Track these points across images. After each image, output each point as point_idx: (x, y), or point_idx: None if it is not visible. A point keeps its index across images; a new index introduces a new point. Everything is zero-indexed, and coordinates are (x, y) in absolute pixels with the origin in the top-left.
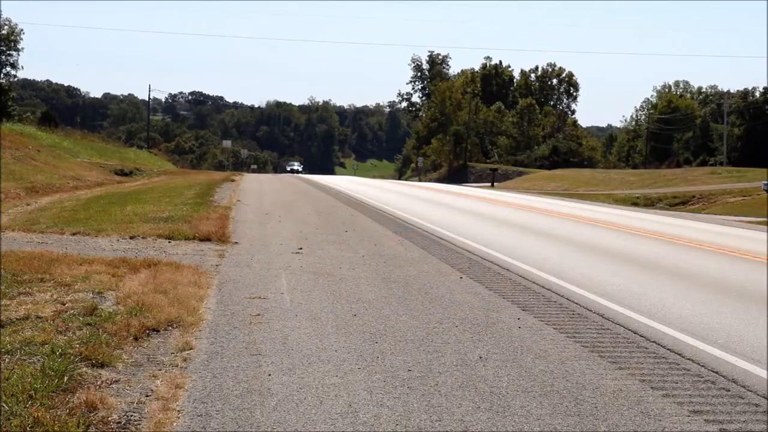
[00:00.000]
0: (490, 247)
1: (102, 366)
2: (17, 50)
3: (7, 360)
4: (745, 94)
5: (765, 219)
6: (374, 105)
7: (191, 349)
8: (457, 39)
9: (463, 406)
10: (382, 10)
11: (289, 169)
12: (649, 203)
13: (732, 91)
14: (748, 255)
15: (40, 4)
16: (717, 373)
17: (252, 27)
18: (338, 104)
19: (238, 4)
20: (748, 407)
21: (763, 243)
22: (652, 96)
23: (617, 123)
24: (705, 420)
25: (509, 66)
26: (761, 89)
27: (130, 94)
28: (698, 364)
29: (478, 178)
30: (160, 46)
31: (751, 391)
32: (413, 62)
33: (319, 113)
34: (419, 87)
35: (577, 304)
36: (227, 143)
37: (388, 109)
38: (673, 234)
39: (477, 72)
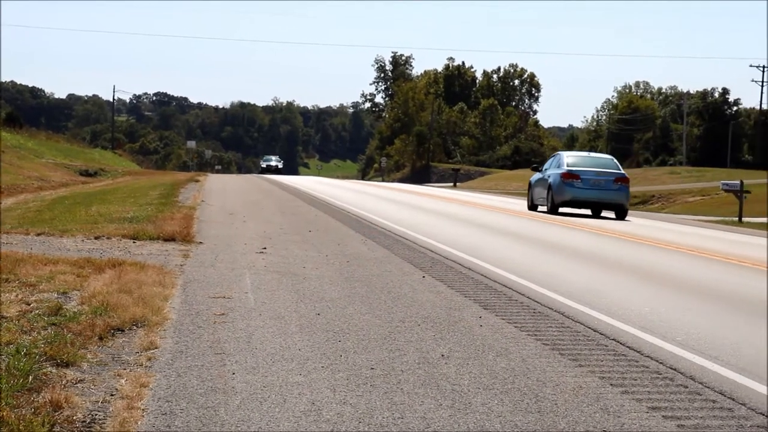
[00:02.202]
0: (452, 247)
1: (67, 365)
2: None
3: None
4: (704, 94)
5: (723, 218)
6: (338, 106)
7: (156, 348)
8: (420, 40)
9: (425, 403)
10: (346, 11)
11: (264, 165)
12: None
13: (691, 91)
14: (706, 254)
15: (4, 4)
16: (675, 370)
17: (216, 27)
18: (302, 105)
19: (201, 4)
20: (705, 404)
21: (723, 242)
22: (612, 96)
23: (578, 123)
24: (663, 416)
25: (472, 67)
26: (720, 90)
27: (94, 95)
28: (657, 361)
29: (441, 178)
30: (124, 46)
31: (708, 388)
32: (376, 63)
33: (282, 114)
34: (382, 88)
35: (538, 302)
36: (191, 144)
37: (351, 110)
38: (634, 233)
39: (440, 73)
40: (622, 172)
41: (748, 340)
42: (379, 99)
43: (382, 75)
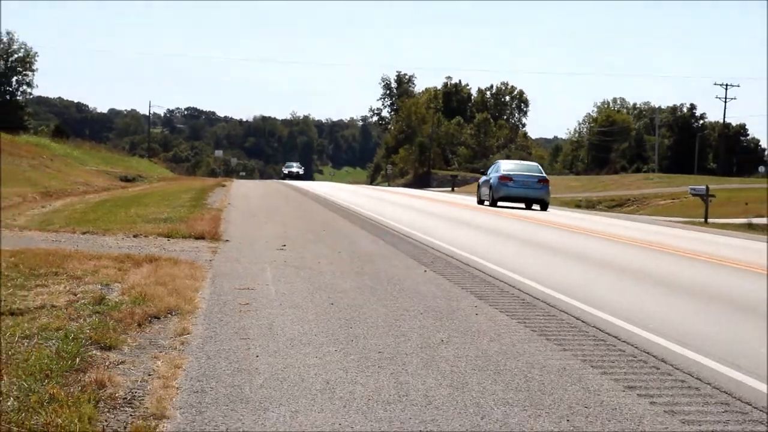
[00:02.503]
0: (451, 245)
1: (110, 349)
2: (32, 71)
3: (25, 344)
4: (674, 109)
5: (690, 219)
6: (348, 119)
7: (188, 333)
8: (421, 61)
9: (426, 383)
10: (356, 35)
11: (286, 171)
12: (590, 205)
13: (663, 107)
14: (677, 251)
15: (53, 29)
16: (648, 353)
17: (241, 49)
18: (317, 118)
19: (227, 30)
20: (675, 383)
21: (691, 240)
22: (592, 111)
23: (562, 135)
24: (638, 394)
25: (467, 85)
26: (688, 105)
27: (132, 110)
28: (632, 346)
29: (440, 183)
30: (160, 66)
31: (677, 369)
32: (383, 81)
33: (299, 126)
34: (388, 103)
35: (527, 294)
36: (219, 153)
37: (360, 123)
38: (612, 233)
39: (439, 90)
40: (544, 175)
41: (715, 327)
42: (385, 113)
43: (388, 92)
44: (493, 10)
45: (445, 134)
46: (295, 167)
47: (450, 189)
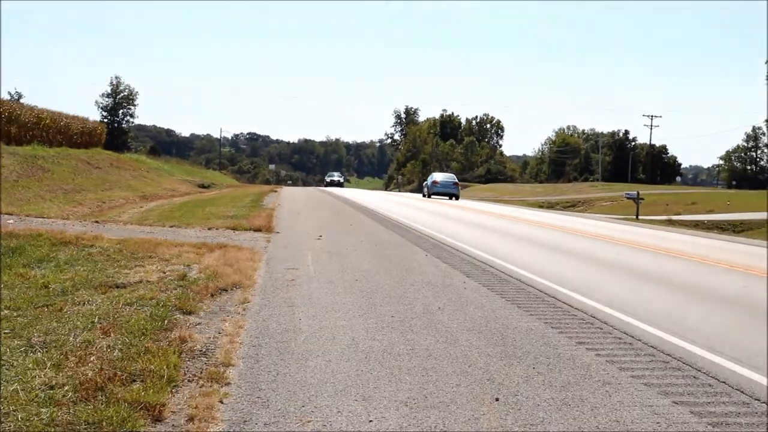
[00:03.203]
0: (446, 235)
1: (190, 313)
2: (134, 105)
3: (127, 309)
4: (613, 134)
5: (625, 216)
6: (369, 141)
7: (248, 302)
8: (424, 97)
9: (427, 339)
10: (375, 76)
11: (328, 179)
12: (550, 206)
13: (604, 131)
14: (615, 240)
15: (150, 70)
16: (594, 317)
17: (288, 87)
18: (345, 140)
19: (278, 70)
20: (614, 340)
21: (623, 232)
22: (552, 135)
23: (530, 152)
24: (586, 348)
25: (458, 115)
26: (624, 131)
27: (208, 134)
28: (582, 311)
29: None
30: (227, 99)
31: (615, 329)
32: (395, 113)
33: (332, 146)
34: (399, 129)
35: (503, 272)
36: (272, 166)
37: (378, 144)
38: (566, 226)
39: (437, 119)
40: (456, 180)
41: (639, 293)
42: (396, 137)
43: (399, 121)
44: (478, 59)
45: (441, 153)
46: (336, 176)
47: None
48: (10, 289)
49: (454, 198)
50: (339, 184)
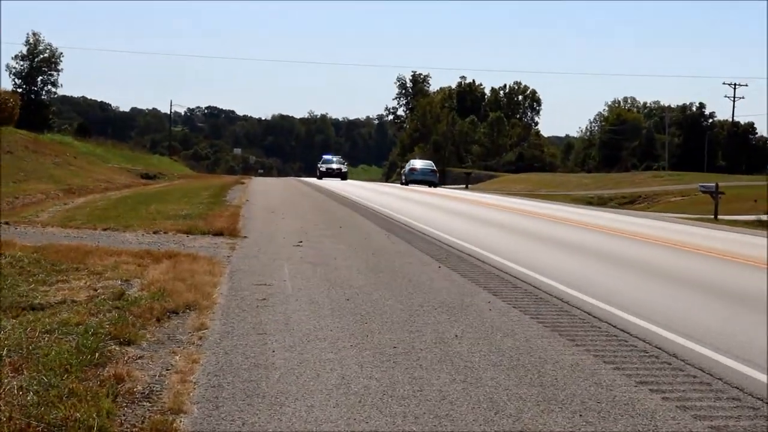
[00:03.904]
0: (464, 240)
1: (129, 344)
2: (57, 71)
3: (46, 338)
4: (683, 108)
5: (700, 216)
6: (365, 118)
7: (206, 329)
8: (436, 61)
9: (441, 378)
10: (373, 34)
11: (324, 168)
12: (601, 202)
13: (672, 105)
14: (687, 247)
15: (77, 29)
16: (660, 348)
17: (259, 48)
18: (334, 117)
19: (246, 31)
20: (687, 378)
21: (700, 237)
22: (604, 110)
23: (574, 133)
24: (650, 390)
25: (481, 84)
26: (697, 104)
27: (154, 108)
28: (644, 341)
29: (455, 181)
30: (181, 65)
31: (689, 365)
32: (398, 81)
33: (317, 125)
34: (403, 102)
35: (539, 289)
36: (238, 151)
37: (376, 122)
38: (623, 229)
39: (453, 89)
40: (434, 168)
41: (725, 323)
42: (400, 112)
43: (404, 91)
44: (505, 12)
45: (459, 133)
46: (336, 163)
47: (464, 186)
48: None
49: (432, 186)
50: (340, 175)
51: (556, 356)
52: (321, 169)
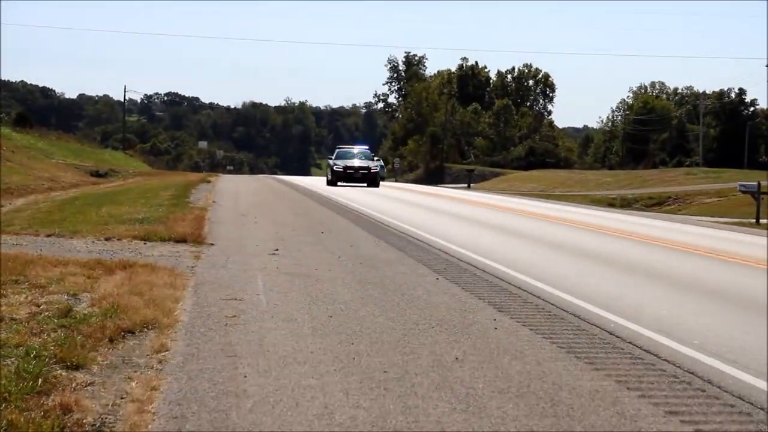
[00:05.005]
0: (466, 248)
1: (77, 368)
2: None
3: None
4: (720, 95)
5: (740, 220)
6: (350, 106)
7: (167, 350)
8: (433, 40)
9: (439, 407)
10: (358, 10)
11: (341, 168)
12: (625, 204)
13: (708, 92)
14: (723, 256)
15: (13, 3)
16: (693, 373)
17: (228, 27)
18: (314, 105)
19: (212, 4)
20: (723, 408)
21: (739, 244)
22: (628, 97)
23: (593, 124)
24: (681, 421)
25: (486, 67)
26: (736, 90)
27: (105, 95)
28: (674, 364)
29: (455, 179)
30: (135, 46)
31: (726, 392)
32: (389, 63)
33: (295, 114)
34: (395, 88)
35: (553, 305)
36: (203, 144)
37: (364, 110)
38: (650, 235)
39: (453, 73)
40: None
41: (765, 343)
42: (392, 99)
43: (395, 75)
44: None
45: (460, 123)
46: (360, 158)
47: (466, 185)
48: None
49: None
50: (368, 178)
51: (572, 382)
52: (335, 168)
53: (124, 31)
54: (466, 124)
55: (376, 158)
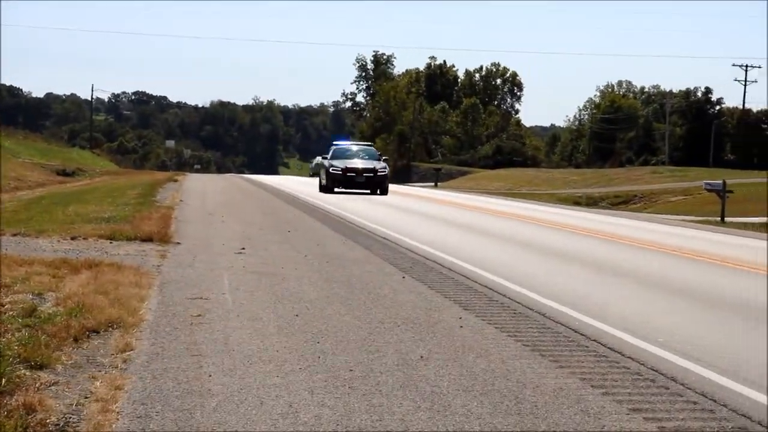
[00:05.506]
0: (432, 247)
1: (41, 368)
2: None
3: None
4: (687, 94)
5: (705, 218)
6: (318, 105)
7: (131, 350)
8: (401, 39)
9: (403, 405)
10: (326, 9)
11: (338, 170)
12: (591, 202)
13: (674, 91)
14: (689, 254)
15: None
16: (656, 371)
17: (195, 26)
18: (282, 104)
19: (179, 3)
20: (686, 405)
21: (705, 242)
22: (595, 96)
23: (561, 123)
24: (644, 418)
25: (454, 66)
26: (702, 89)
27: (72, 94)
28: (638, 362)
29: (422, 178)
30: (102, 45)
31: (689, 389)
32: (358, 62)
33: (263, 113)
34: (363, 87)
35: (519, 303)
36: (170, 143)
37: (332, 109)
38: (616, 233)
39: (421, 72)
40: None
41: (731, 341)
42: (360, 98)
43: (363, 74)
44: None
45: (428, 122)
46: (362, 158)
47: (433, 184)
48: None
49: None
50: (372, 184)
51: (536, 380)
52: (332, 170)
53: (91, 30)
54: (434, 122)
55: (384, 158)
